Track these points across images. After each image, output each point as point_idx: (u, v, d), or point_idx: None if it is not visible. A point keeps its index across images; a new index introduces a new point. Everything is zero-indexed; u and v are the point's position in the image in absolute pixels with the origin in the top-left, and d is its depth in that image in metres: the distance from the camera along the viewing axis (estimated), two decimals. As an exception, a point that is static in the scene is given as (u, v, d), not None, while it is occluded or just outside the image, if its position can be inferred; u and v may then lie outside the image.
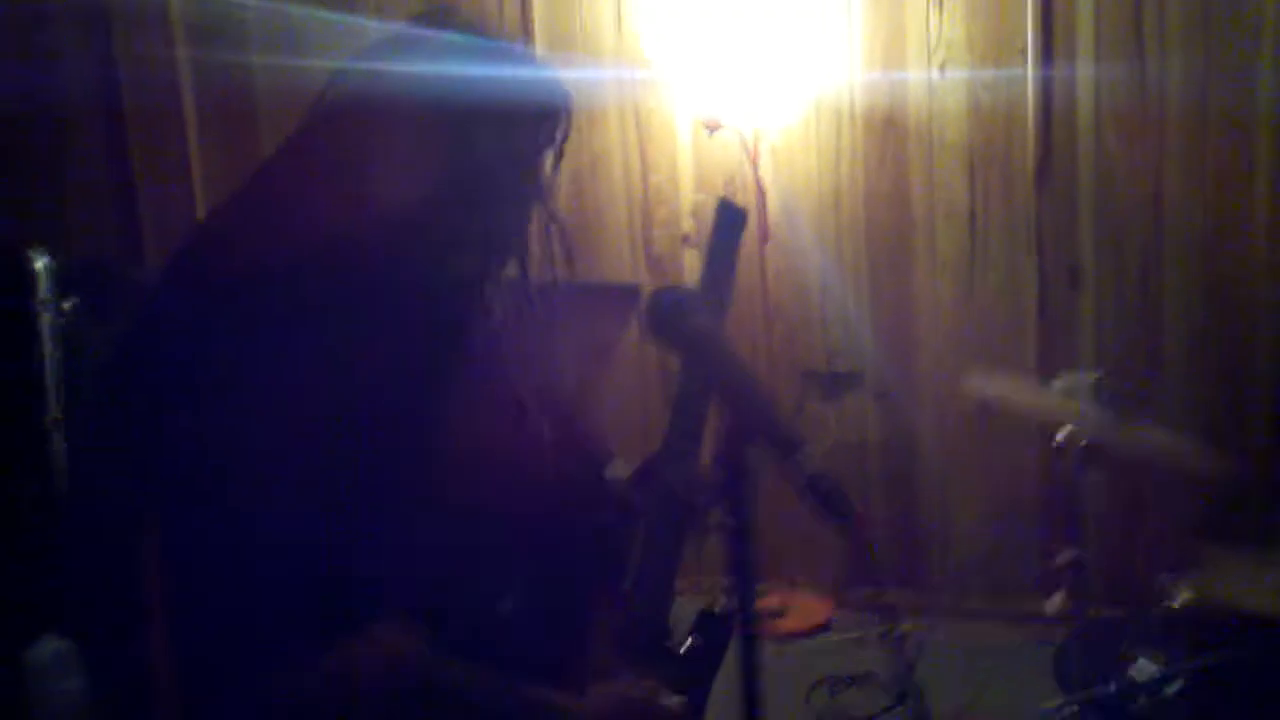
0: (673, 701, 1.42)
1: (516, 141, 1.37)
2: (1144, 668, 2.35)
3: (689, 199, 4.32)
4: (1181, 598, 2.42)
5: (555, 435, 1.49)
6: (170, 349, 1.26)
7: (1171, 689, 2.34)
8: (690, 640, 1.54)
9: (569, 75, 1.44)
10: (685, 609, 1.55)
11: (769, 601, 4.07)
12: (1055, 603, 2.75)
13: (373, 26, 1.40)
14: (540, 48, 4.35)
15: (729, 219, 1.56)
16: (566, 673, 1.36)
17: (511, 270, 1.47)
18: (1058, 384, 2.68)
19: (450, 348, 1.35)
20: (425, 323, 1.31)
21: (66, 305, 3.45)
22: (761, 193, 4.09)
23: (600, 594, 1.49)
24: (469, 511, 1.30)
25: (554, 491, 1.45)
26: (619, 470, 1.60)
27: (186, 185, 4.53)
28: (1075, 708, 2.53)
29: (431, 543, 1.27)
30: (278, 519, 1.17)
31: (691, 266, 4.32)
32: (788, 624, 4.10)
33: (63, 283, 3.47)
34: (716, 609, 1.55)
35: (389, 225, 1.28)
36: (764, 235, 4.12)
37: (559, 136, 1.42)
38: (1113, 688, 2.46)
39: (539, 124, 1.40)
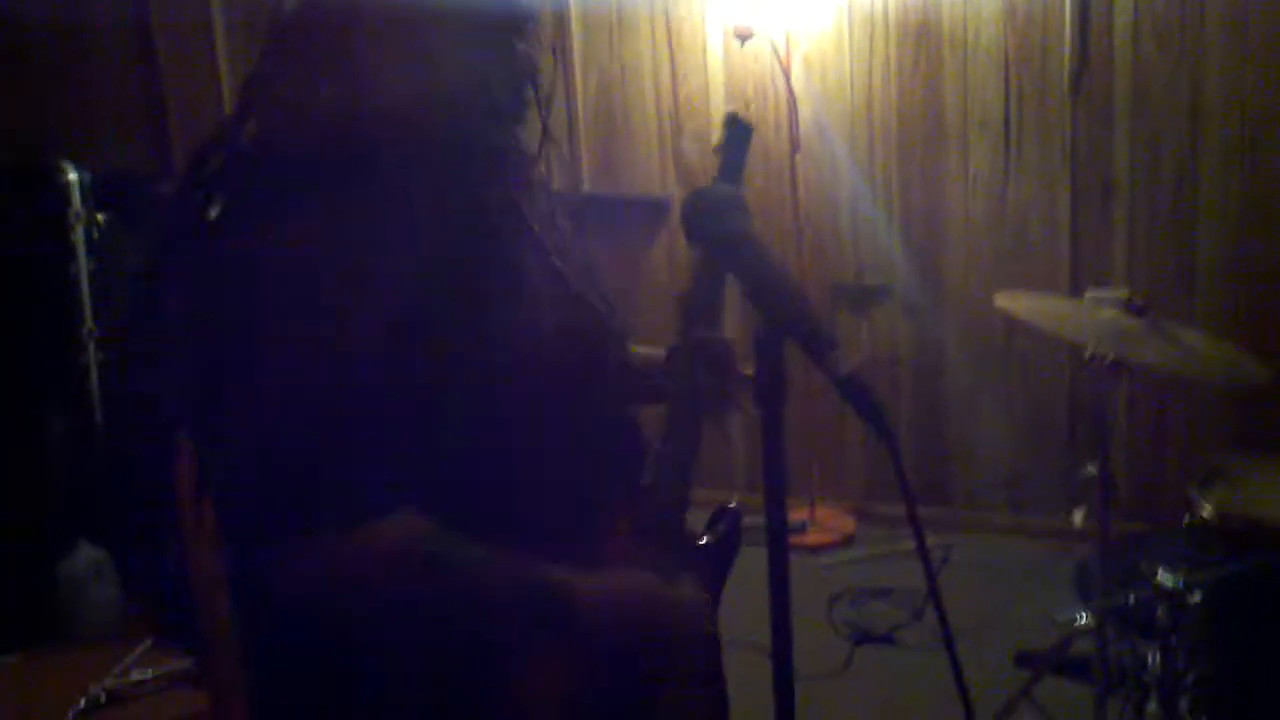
0: (690, 592, 1.42)
1: (485, 52, 1.35)
2: (1165, 578, 2.34)
3: (720, 109, 4.27)
4: (1207, 510, 2.40)
5: (592, 330, 1.50)
6: (194, 251, 1.27)
7: (1192, 598, 2.34)
8: (706, 534, 1.56)
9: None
10: (700, 516, 1.56)
11: (794, 515, 4.09)
12: (1080, 517, 2.73)
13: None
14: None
15: (736, 134, 1.56)
16: (583, 561, 1.37)
17: (527, 182, 1.46)
18: (1088, 297, 2.65)
19: (475, 243, 1.35)
20: (449, 220, 1.31)
21: (100, 217, 3.48)
22: (793, 102, 4.04)
23: (621, 487, 1.49)
24: (508, 411, 1.31)
25: (586, 375, 1.45)
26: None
27: (216, 96, 4.53)
28: (1095, 617, 2.53)
29: (469, 441, 1.28)
30: (315, 414, 1.19)
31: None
32: (812, 537, 4.13)
33: (96, 195, 3.49)
34: (731, 504, 1.57)
35: (378, 126, 1.28)
36: (795, 145, 4.09)
37: (535, 49, 1.39)
38: (1132, 598, 2.47)
39: (505, 34, 1.37)
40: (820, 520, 4.23)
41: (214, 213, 1.27)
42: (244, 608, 1.37)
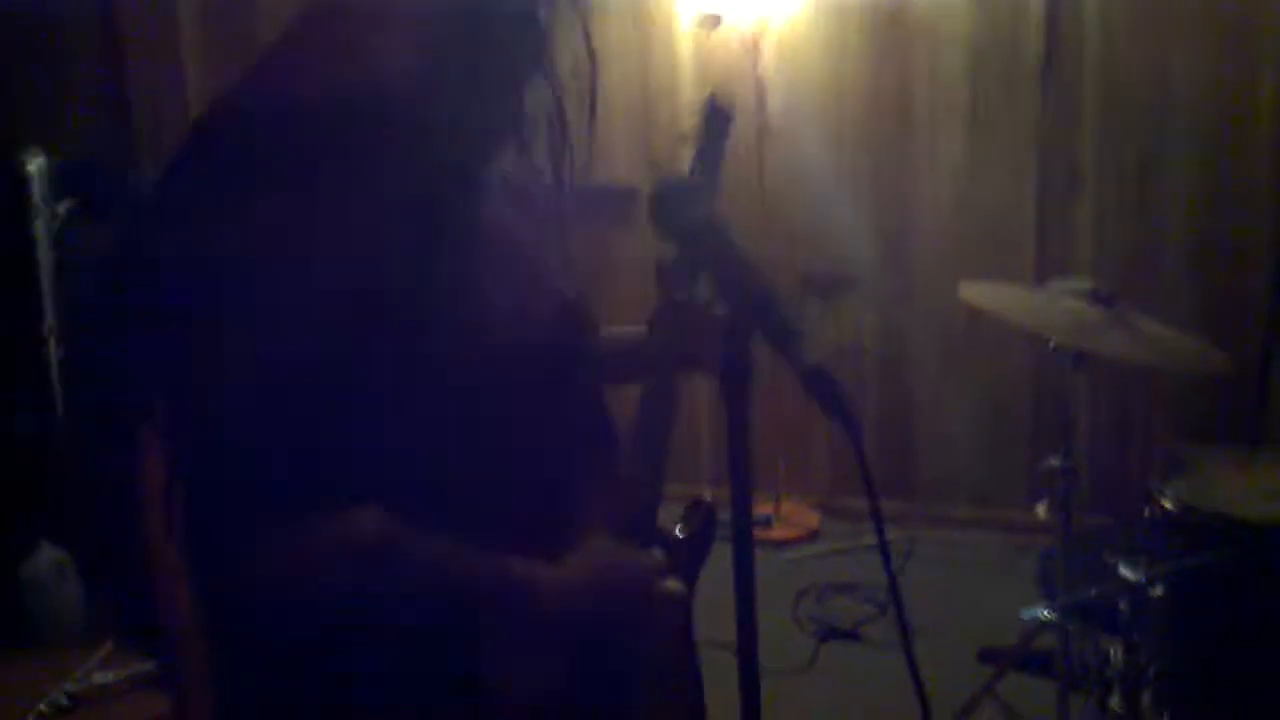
0: (669, 581, 1.41)
1: (500, 32, 1.35)
2: (1127, 571, 2.35)
3: (690, 98, 4.26)
4: (1168, 502, 2.41)
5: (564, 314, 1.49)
6: (175, 237, 1.24)
7: (1154, 592, 2.35)
8: (678, 527, 1.55)
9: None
10: (672, 512, 1.55)
11: (759, 509, 4.09)
12: (1042, 509, 2.74)
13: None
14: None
15: (716, 120, 1.55)
16: (556, 553, 1.36)
17: (511, 163, 1.46)
18: (1052, 288, 2.65)
19: (452, 230, 1.35)
20: (428, 204, 1.31)
21: (62, 208, 3.44)
22: (761, 90, 4.03)
23: (595, 480, 1.48)
24: (474, 388, 1.30)
25: (559, 364, 1.45)
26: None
27: (180, 86, 4.50)
28: (1057, 611, 2.54)
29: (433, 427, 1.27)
30: (287, 406, 1.17)
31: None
32: (777, 532, 4.13)
33: (59, 184, 3.45)
34: (704, 498, 1.57)
35: (383, 105, 1.27)
36: (763, 132, 4.07)
37: (554, 32, 1.40)
38: (1094, 591, 2.47)
39: (523, 16, 1.37)
40: (785, 515, 4.23)
41: (194, 196, 1.25)
42: (208, 605, 1.35)
